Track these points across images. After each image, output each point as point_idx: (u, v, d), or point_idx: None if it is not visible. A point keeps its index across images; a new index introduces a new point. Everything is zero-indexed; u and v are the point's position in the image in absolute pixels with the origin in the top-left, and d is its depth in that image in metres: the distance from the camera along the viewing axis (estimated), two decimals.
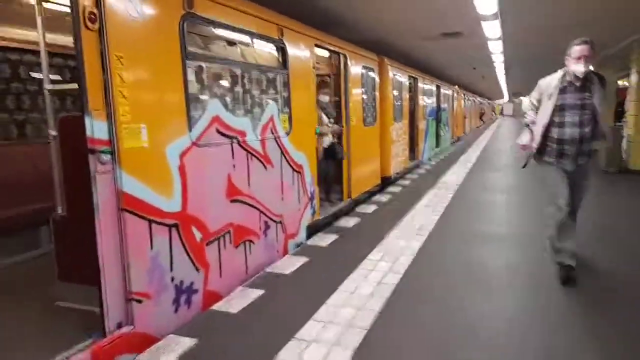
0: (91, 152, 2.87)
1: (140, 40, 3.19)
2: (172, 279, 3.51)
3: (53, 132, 3.55)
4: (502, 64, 15.34)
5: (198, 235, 3.78)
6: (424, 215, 6.85)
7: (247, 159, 4.46)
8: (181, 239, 3.58)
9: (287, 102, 5.26)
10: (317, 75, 7.20)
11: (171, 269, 3.49)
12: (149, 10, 3.24)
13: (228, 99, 4.31)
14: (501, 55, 13.07)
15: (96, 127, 2.88)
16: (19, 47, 5.34)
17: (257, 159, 4.65)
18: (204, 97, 4.03)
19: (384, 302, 3.77)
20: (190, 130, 3.65)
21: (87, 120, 2.83)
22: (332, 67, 9.27)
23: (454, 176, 10.89)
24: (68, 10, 2.78)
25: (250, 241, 4.58)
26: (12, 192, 5.03)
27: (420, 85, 13.41)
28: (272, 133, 4.94)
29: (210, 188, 3.94)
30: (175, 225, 3.52)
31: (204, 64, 4.00)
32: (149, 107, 3.27)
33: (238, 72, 4.45)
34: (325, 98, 6.93)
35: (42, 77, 3.59)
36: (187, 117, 3.62)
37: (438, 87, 17.11)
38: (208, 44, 4.26)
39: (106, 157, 2.94)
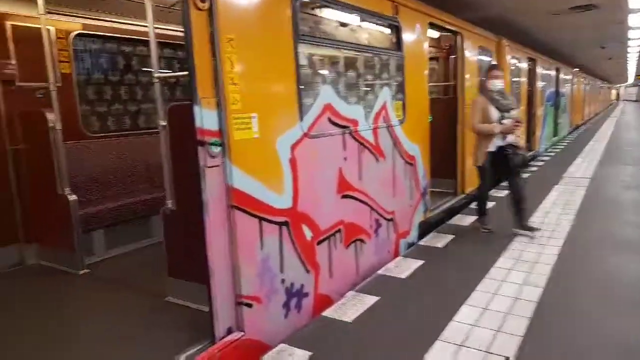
0: (200, 143, 2.64)
1: (250, 21, 2.91)
2: (283, 281, 3.22)
3: (162, 122, 3.43)
4: (638, 40, 13.16)
5: (308, 234, 3.46)
6: (555, 216, 5.92)
7: (359, 151, 4.05)
8: (291, 238, 3.28)
9: (401, 87, 4.74)
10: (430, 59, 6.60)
11: (281, 271, 3.20)
12: None
13: (340, 85, 3.92)
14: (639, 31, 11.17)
15: (205, 117, 2.64)
16: (131, 38, 5.46)
17: (369, 150, 4.21)
18: (315, 83, 3.68)
19: (526, 325, 3.12)
20: (301, 119, 3.31)
21: (196, 110, 2.60)
22: (439, 50, 8.53)
23: (580, 170, 9.52)
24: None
25: (361, 240, 4.18)
26: (126, 183, 5.18)
27: (539, 67, 11.99)
28: (385, 122, 4.47)
29: (321, 183, 3.60)
30: (286, 223, 3.22)
31: (315, 46, 3.64)
32: (259, 94, 2.98)
33: (350, 55, 4.04)
34: (497, 85, 5.09)
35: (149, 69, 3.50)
36: (298, 106, 3.29)
37: (557, 70, 15.29)
38: (319, 25, 3.89)
39: (216, 150, 2.70)
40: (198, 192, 2.69)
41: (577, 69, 21.38)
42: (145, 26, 3.33)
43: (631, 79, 40.94)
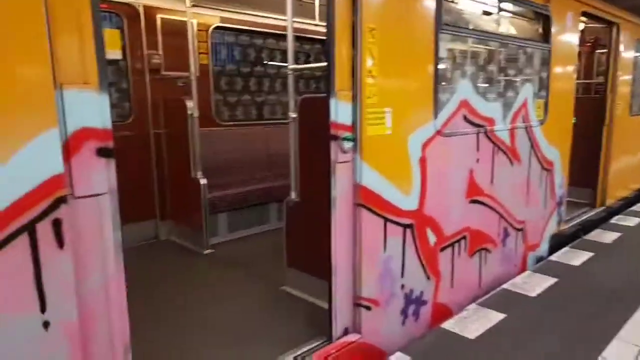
0: (333, 138, 2.57)
1: (392, 10, 2.75)
2: (402, 286, 3.06)
3: (293, 114, 3.44)
4: None
5: (432, 239, 3.24)
6: None
7: (493, 152, 3.70)
8: (415, 242, 3.10)
9: (545, 84, 4.24)
10: None
11: (402, 275, 3.04)
12: None
13: (479, 80, 3.60)
14: None
15: (340, 110, 2.56)
16: (262, 31, 5.63)
17: (504, 152, 3.83)
18: (453, 77, 3.42)
19: None
20: (435, 116, 3.09)
21: (332, 103, 2.53)
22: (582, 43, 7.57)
23: None
24: None
25: (487, 250, 3.84)
26: (249, 170, 5.39)
27: None
28: (524, 122, 4.03)
29: (450, 185, 3.34)
30: (411, 226, 3.04)
31: (456, 38, 3.37)
32: (395, 88, 2.83)
33: (492, 47, 3.69)
34: None
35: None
36: (434, 101, 3.07)
37: None
38: (461, 14, 3.60)
39: (348, 145, 2.61)
40: (324, 186, 2.63)
41: None
42: (276, 19, 3.35)
43: None
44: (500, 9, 3.78)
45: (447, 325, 3.23)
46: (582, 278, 4.04)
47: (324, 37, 2.54)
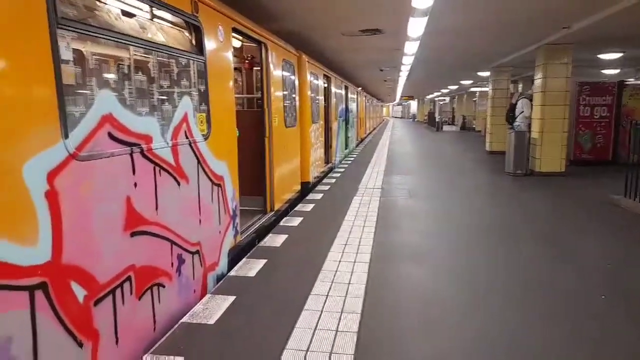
0: None
1: None
2: None
3: None
4: (408, 66, 15.39)
5: (81, 293, 2.50)
6: (359, 229, 6.09)
7: (155, 174, 3.24)
8: (52, 306, 2.29)
9: (205, 98, 4.09)
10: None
11: (35, 356, 2.18)
12: None
13: (126, 91, 3.02)
14: (411, 58, 12.99)
15: None
16: None
17: (167, 172, 3.43)
18: (89, 85, 2.72)
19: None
20: (65, 136, 2.36)
21: None
22: (241, 60, 8.19)
23: (371, 180, 10.40)
24: None
25: (160, 285, 3.35)
26: None
27: (333, 85, 12.80)
28: (187, 137, 3.75)
29: (99, 220, 2.67)
30: (42, 286, 2.22)
31: (87, 39, 2.68)
32: None
33: (139, 54, 3.19)
34: None
35: None
36: (61, 115, 2.33)
37: (346, 88, 16.79)
38: (93, 10, 2.92)
39: None
40: None
41: (360, 88, 24.09)
42: None
43: (397, 98, 48.65)
44: (141, 11, 3.34)
45: None
46: (257, 290, 4.10)
47: None
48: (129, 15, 3.17)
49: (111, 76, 2.92)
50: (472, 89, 29.77)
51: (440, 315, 3.59)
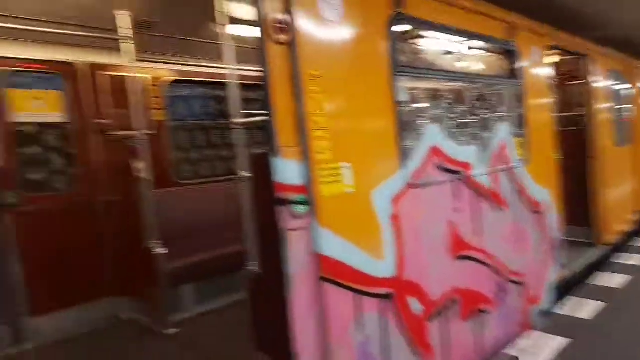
0: (281, 202, 2.17)
1: (337, 52, 2.45)
2: None
3: (244, 173, 3.03)
4: None
5: (417, 308, 2.77)
6: None
7: (474, 200, 3.32)
8: (397, 315, 2.62)
9: (522, 121, 3.94)
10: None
11: (384, 357, 2.54)
12: (349, 10, 2.49)
13: (448, 123, 3.27)
14: None
15: (287, 170, 2.18)
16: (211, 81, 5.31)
17: (486, 198, 3.45)
18: (418, 121, 3.09)
19: None
20: (402, 167, 2.72)
21: (275, 161, 2.15)
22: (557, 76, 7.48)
23: None
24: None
25: (483, 311, 3.35)
26: (215, 232, 4.85)
27: None
28: (504, 163, 3.69)
29: (430, 242, 2.92)
30: (389, 296, 2.58)
31: (416, 79, 3.07)
32: (351, 139, 2.47)
33: (458, 86, 3.41)
34: None
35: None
36: (399, 150, 2.71)
37: None
38: (419, 55, 3.33)
39: (301, 209, 2.20)
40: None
41: None
42: (240, 69, 2.99)
43: None
44: (464, 47, 3.54)
45: None
46: (595, 335, 3.54)
47: None
48: (450, 52, 3.43)
49: (436, 110, 3.21)
50: None
51: None
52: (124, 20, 3.74)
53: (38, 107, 4.15)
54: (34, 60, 4.08)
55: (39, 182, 4.19)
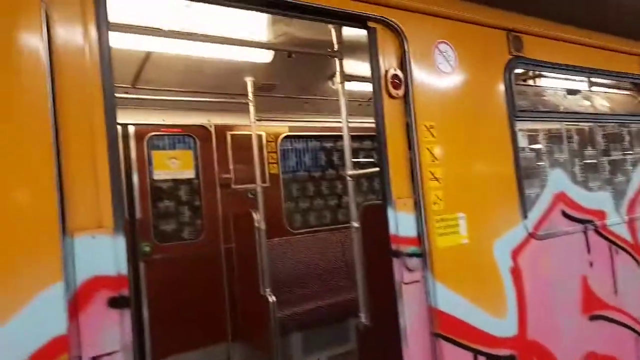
0: (395, 254, 2.16)
1: (452, 102, 2.43)
2: None
3: (355, 224, 3.08)
4: None
5: None
6: None
7: (611, 252, 2.97)
8: None
9: None
10: None
11: None
12: (464, 59, 2.47)
13: (575, 167, 3.02)
14: None
15: (401, 221, 2.17)
16: (333, 134, 5.55)
17: (625, 250, 3.07)
18: (541, 167, 2.90)
19: None
20: (524, 216, 2.55)
21: (389, 213, 2.16)
22: None
23: None
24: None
25: None
26: (325, 280, 4.96)
27: None
28: None
29: (557, 299, 2.65)
30: (512, 359, 2.38)
31: (537, 122, 2.90)
32: (466, 188, 2.40)
33: (585, 127, 3.14)
34: None
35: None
36: (520, 198, 2.56)
37: None
38: (538, 94, 3.15)
39: (415, 262, 2.17)
40: (395, 310, 2.17)
41: None
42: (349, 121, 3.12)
43: None
44: (590, 85, 3.28)
45: None
46: None
47: None
48: (575, 92, 3.20)
49: (560, 154, 2.99)
50: None
51: None
52: (249, 85, 4.14)
53: (173, 166, 4.71)
54: (173, 125, 4.68)
55: (169, 233, 4.69)
